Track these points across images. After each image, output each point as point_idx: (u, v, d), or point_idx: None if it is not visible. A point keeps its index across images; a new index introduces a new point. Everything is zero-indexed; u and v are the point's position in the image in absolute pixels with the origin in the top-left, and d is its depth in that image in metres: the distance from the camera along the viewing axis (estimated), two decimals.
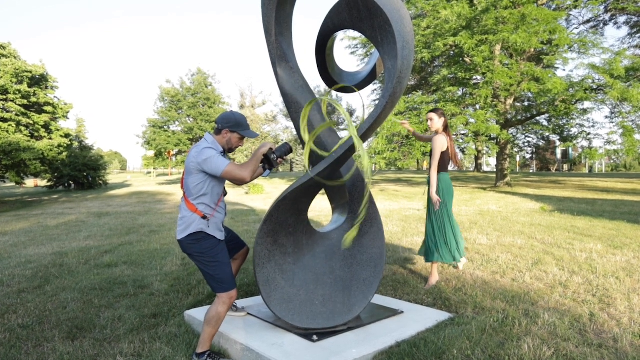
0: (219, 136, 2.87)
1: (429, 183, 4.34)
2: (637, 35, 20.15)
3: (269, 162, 2.85)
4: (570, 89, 15.68)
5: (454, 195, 4.36)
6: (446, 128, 4.29)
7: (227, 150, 2.91)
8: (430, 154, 4.33)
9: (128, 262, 5.79)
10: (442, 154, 4.21)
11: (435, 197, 4.18)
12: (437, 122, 4.26)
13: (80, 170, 28.04)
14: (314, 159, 3.32)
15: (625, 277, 4.36)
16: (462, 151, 20.50)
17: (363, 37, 19.32)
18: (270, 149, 2.85)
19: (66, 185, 28.91)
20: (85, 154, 29.28)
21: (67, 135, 21.08)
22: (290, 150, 2.94)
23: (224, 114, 2.91)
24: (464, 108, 18.12)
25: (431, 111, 4.31)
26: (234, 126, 2.84)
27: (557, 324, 3.09)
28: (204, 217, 2.74)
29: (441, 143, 4.19)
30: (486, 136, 17.02)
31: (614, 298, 3.71)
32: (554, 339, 2.87)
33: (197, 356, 2.75)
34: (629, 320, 3.22)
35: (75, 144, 27.99)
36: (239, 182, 2.68)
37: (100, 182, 29.86)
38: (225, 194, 2.94)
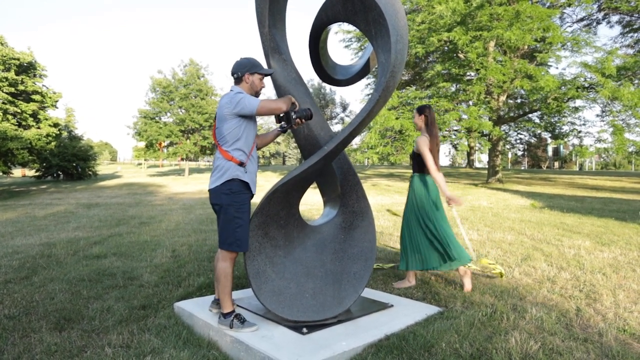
0: (242, 83, 2.97)
1: (410, 186, 4.13)
2: (629, 35, 20.30)
3: (288, 119, 2.94)
4: (563, 87, 15.80)
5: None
6: (428, 126, 4.04)
7: (254, 95, 3.00)
8: (414, 156, 4.14)
9: (117, 253, 5.74)
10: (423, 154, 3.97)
11: (449, 194, 3.93)
12: (416, 119, 4.13)
13: (70, 161, 27.69)
14: (305, 154, 3.31)
15: (612, 273, 4.42)
16: (455, 147, 20.61)
17: (357, 30, 19.24)
18: (294, 104, 2.94)
19: (55, 175, 28.56)
20: (75, 144, 28.89)
21: (55, 125, 20.74)
22: (311, 117, 2.99)
23: (235, 63, 2.98)
24: (457, 104, 18.18)
25: (416, 108, 4.16)
26: (252, 68, 2.95)
27: (544, 318, 3.13)
28: (241, 164, 2.85)
29: (423, 143, 3.98)
30: (479, 132, 17.11)
31: (600, 294, 3.76)
32: (541, 333, 2.91)
33: (223, 316, 2.90)
34: (614, 315, 3.27)
35: (64, 134, 27.54)
36: (276, 112, 2.84)
37: (90, 172, 29.55)
38: (256, 147, 3.07)
